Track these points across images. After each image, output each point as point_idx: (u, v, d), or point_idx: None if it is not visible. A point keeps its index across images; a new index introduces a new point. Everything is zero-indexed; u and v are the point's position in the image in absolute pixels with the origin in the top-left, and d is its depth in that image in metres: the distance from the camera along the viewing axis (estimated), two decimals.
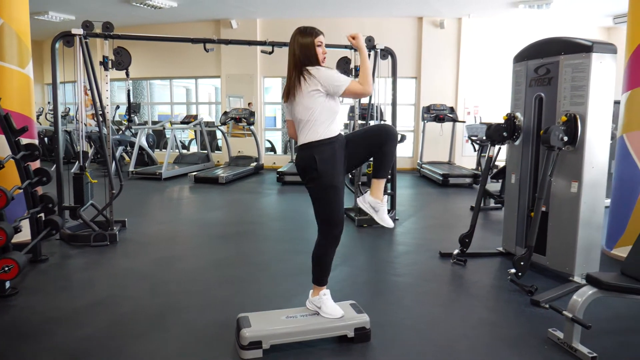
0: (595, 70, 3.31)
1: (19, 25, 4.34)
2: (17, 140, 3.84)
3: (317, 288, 2.69)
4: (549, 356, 2.51)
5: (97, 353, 2.51)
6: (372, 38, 5.26)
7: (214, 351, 2.53)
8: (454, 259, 4.01)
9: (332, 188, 2.47)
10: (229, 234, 5.03)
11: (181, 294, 3.34)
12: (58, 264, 4.03)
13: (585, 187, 3.43)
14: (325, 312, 2.62)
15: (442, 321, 2.95)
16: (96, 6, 8.94)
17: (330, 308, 2.63)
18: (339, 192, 2.51)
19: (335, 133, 2.49)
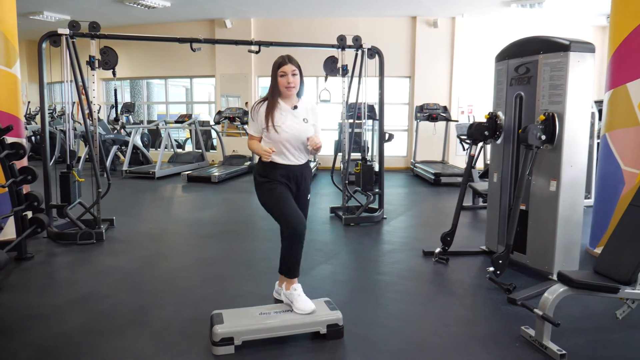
0: (573, 70, 3.33)
1: (5, 26, 4.37)
2: (2, 139, 3.87)
3: (289, 281, 2.77)
4: (519, 354, 2.52)
5: (71, 349, 2.54)
6: (359, 37, 5.28)
7: (189, 347, 2.55)
8: (436, 257, 4.03)
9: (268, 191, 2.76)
10: (218, 232, 5.06)
11: (162, 292, 3.36)
12: (43, 261, 4.06)
13: (563, 186, 3.44)
14: (297, 307, 2.65)
15: (417, 319, 2.97)
16: (90, 6, 8.97)
17: (301, 303, 2.66)
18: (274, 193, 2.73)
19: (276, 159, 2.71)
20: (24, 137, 4.66)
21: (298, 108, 2.76)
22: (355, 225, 5.31)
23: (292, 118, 2.72)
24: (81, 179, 4.84)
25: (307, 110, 2.80)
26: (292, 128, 2.71)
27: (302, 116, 2.76)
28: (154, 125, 10.38)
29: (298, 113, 2.75)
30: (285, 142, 2.71)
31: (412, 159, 9.69)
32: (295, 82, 2.70)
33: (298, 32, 9.70)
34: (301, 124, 2.74)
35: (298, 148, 2.75)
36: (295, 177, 2.79)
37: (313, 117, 2.81)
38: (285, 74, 2.67)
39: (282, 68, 2.67)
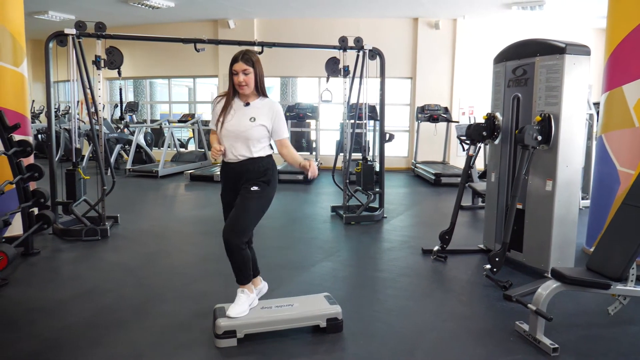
0: (569, 72, 3.40)
1: (13, 25, 4.46)
2: (10, 136, 3.96)
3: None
4: (513, 348, 2.60)
5: (76, 341, 2.61)
6: (361, 39, 5.35)
7: (192, 340, 2.63)
8: (434, 255, 4.10)
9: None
10: (218, 231, 5.03)
11: (165, 287, 3.44)
12: (49, 257, 4.15)
13: (559, 186, 3.51)
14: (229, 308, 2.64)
15: (414, 314, 3.04)
16: (95, 6, 9.06)
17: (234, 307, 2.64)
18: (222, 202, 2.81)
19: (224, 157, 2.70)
20: (30, 135, 4.74)
21: (250, 105, 2.62)
22: (356, 224, 5.38)
23: (239, 115, 2.61)
24: (86, 177, 4.92)
25: (262, 110, 2.62)
26: (233, 125, 2.60)
27: (251, 114, 2.60)
28: (157, 125, 10.47)
29: (248, 110, 2.61)
30: (225, 138, 2.63)
31: (413, 160, 9.75)
32: (248, 81, 2.55)
33: (300, 33, 9.78)
34: (245, 122, 2.58)
35: (237, 146, 2.61)
36: (236, 173, 2.66)
37: (267, 117, 2.62)
38: (236, 73, 2.55)
39: (234, 66, 2.55)
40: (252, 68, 2.57)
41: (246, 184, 2.63)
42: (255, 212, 2.65)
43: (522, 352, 2.54)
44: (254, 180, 2.63)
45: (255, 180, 2.63)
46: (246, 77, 2.55)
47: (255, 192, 2.61)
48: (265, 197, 2.67)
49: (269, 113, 2.64)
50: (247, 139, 2.60)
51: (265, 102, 2.66)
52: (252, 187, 2.61)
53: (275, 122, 2.66)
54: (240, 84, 2.56)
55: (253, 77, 2.58)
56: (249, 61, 2.56)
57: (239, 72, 2.55)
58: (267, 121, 2.63)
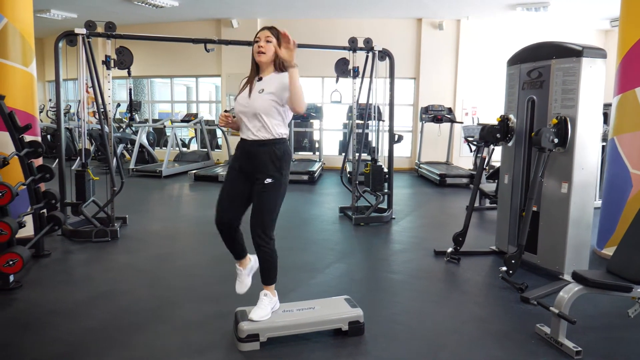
0: (586, 74, 3.40)
1: (22, 25, 4.42)
2: (21, 137, 3.93)
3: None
4: (535, 350, 2.60)
5: (99, 344, 2.59)
6: (370, 40, 5.35)
7: (214, 343, 2.62)
8: (448, 257, 4.10)
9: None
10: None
11: (180, 289, 3.43)
12: (60, 258, 4.12)
13: (575, 188, 3.52)
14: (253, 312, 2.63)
15: (433, 316, 3.04)
16: (98, 4, 9.01)
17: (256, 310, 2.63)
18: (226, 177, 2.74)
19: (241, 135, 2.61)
20: (39, 136, 4.71)
21: (263, 80, 2.53)
22: (365, 225, 5.38)
23: (252, 89, 2.52)
24: (96, 177, 4.89)
25: (272, 81, 2.50)
26: (242, 98, 2.54)
27: (261, 87, 2.50)
28: (160, 124, 10.43)
29: (260, 84, 2.52)
30: (240, 114, 2.56)
31: (416, 160, 9.76)
32: (267, 48, 2.48)
33: (304, 33, 9.73)
34: (254, 95, 2.49)
35: (247, 122, 2.52)
36: (247, 153, 2.56)
37: (275, 86, 2.48)
38: (259, 39, 2.51)
39: (258, 34, 2.53)
40: (274, 38, 2.49)
41: (259, 174, 2.52)
42: (274, 205, 2.58)
43: (544, 355, 2.55)
44: (266, 170, 2.52)
45: (268, 170, 2.52)
46: (267, 45, 2.49)
47: (269, 185, 2.52)
48: (281, 187, 2.58)
49: (278, 82, 2.48)
50: (255, 113, 2.48)
51: (279, 75, 2.51)
52: (266, 180, 2.51)
53: (280, 87, 2.47)
54: (259, 50, 2.49)
55: (273, 47, 2.48)
56: (274, 31, 2.51)
57: (262, 38, 2.50)
58: (274, 89, 2.47)
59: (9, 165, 3.74)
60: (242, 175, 2.59)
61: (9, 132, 3.88)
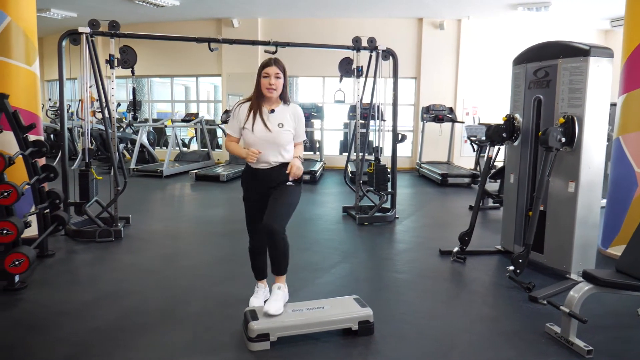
0: (593, 74, 3.40)
1: (26, 23, 4.40)
2: (26, 137, 3.90)
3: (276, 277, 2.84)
4: (546, 350, 2.60)
5: (108, 345, 2.58)
6: (374, 39, 5.34)
7: (224, 343, 2.60)
8: (454, 256, 4.09)
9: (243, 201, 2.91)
10: (231, 231, 5.10)
11: (187, 289, 3.41)
12: (65, 259, 4.10)
13: (582, 187, 3.52)
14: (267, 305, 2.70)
15: (442, 316, 3.03)
16: (98, 4, 8.98)
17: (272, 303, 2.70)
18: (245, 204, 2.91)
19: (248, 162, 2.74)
20: (42, 135, 4.68)
21: (275, 112, 2.71)
22: (369, 225, 5.37)
23: (266, 121, 2.68)
24: (99, 177, 4.86)
25: (288, 116, 2.73)
26: (263, 131, 2.66)
27: (278, 121, 2.69)
28: (161, 124, 10.40)
29: (274, 117, 2.69)
30: (255, 145, 2.67)
31: (417, 160, 9.76)
32: (277, 85, 2.65)
33: (304, 33, 9.75)
34: (274, 129, 2.67)
35: (267, 152, 2.69)
36: (264, 180, 2.75)
37: (293, 123, 2.74)
38: (268, 76, 2.64)
39: (266, 69, 2.64)
40: (282, 73, 2.70)
41: (279, 184, 2.75)
42: (292, 204, 2.77)
43: (555, 354, 2.54)
44: (285, 180, 2.75)
45: (284, 184, 2.76)
46: (277, 81, 2.67)
47: (290, 187, 2.75)
48: (297, 193, 2.82)
49: (293, 117, 2.76)
50: (278, 145, 2.71)
51: (289, 108, 2.77)
52: (287, 183, 2.74)
53: (298, 126, 2.80)
54: (270, 87, 2.65)
55: (282, 82, 2.70)
56: (281, 67, 2.69)
57: (271, 75, 2.66)
58: (291, 126, 2.75)
59: (12, 165, 3.72)
60: (260, 197, 2.80)
61: (13, 132, 3.85)
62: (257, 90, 2.70)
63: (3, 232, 3.19)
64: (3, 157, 3.34)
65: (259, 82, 2.68)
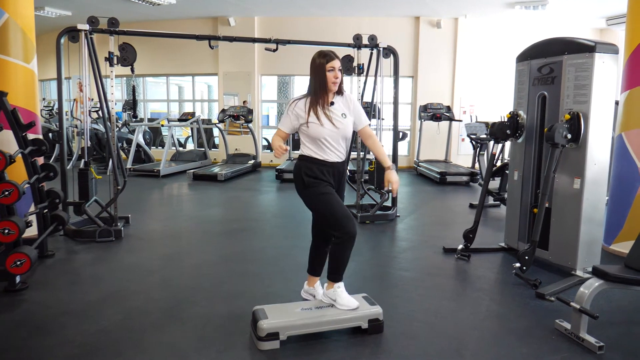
0: (598, 70, 3.41)
1: (24, 20, 4.33)
2: (25, 135, 3.84)
3: (331, 283, 2.75)
4: (556, 346, 2.59)
5: (115, 345, 2.53)
6: (375, 37, 5.32)
7: (232, 342, 2.57)
8: (458, 254, 4.08)
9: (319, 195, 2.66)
10: (232, 230, 5.06)
11: (192, 288, 3.37)
12: (65, 259, 4.04)
13: (587, 184, 3.52)
14: (340, 304, 2.68)
15: (451, 313, 3.01)
16: (93, 2, 8.87)
17: (345, 300, 2.69)
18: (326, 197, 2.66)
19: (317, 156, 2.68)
20: (40, 134, 4.61)
21: (335, 104, 2.73)
22: (370, 223, 5.35)
23: (332, 114, 2.68)
24: (98, 176, 4.80)
25: (345, 104, 2.76)
26: (331, 125, 2.67)
27: (341, 111, 2.72)
28: (157, 123, 10.31)
29: (335, 109, 2.71)
30: (327, 137, 2.66)
31: (415, 158, 9.76)
32: (340, 77, 2.69)
33: (302, 31, 9.70)
34: (341, 120, 2.69)
35: (339, 144, 2.70)
36: (338, 174, 2.75)
37: (352, 110, 2.77)
38: (334, 69, 2.65)
39: (331, 63, 2.65)
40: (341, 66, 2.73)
41: (343, 188, 2.84)
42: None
43: (567, 351, 2.54)
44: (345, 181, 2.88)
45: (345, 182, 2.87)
46: (340, 74, 2.70)
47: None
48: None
49: (350, 105, 2.78)
50: (345, 135, 2.73)
51: (344, 97, 2.79)
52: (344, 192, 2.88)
53: (354, 110, 2.78)
54: (336, 81, 2.68)
55: (341, 74, 2.73)
56: (339, 59, 2.71)
57: (336, 69, 2.67)
58: (353, 112, 2.78)
59: (12, 164, 3.65)
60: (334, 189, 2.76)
61: (12, 130, 3.79)
62: (320, 85, 2.66)
63: (5, 231, 3.13)
64: (4, 155, 3.28)
65: (323, 76, 2.65)
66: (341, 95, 2.77)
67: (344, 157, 2.78)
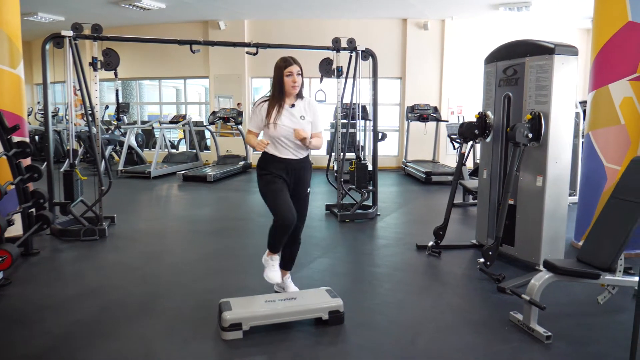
0: (558, 71, 3.54)
1: (9, 28, 4.47)
2: (9, 138, 3.98)
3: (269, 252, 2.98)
4: (508, 336, 2.72)
5: (87, 335, 2.67)
6: (354, 40, 5.45)
7: (199, 333, 2.70)
8: (429, 250, 4.21)
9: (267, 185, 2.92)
10: (217, 229, 5.20)
11: (169, 284, 3.51)
12: (49, 257, 4.18)
13: (549, 182, 3.65)
14: (266, 274, 2.94)
15: (412, 306, 3.15)
16: (85, 7, 9.03)
17: (268, 271, 2.94)
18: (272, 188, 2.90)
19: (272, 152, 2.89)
20: (27, 137, 4.75)
21: (296, 106, 2.90)
22: (350, 222, 5.48)
23: (289, 116, 2.86)
24: (84, 177, 4.94)
25: (305, 108, 2.93)
26: (289, 124, 2.84)
27: (300, 114, 2.89)
28: (148, 126, 10.46)
29: (295, 111, 2.89)
30: (283, 138, 2.85)
31: (403, 159, 9.89)
32: (299, 82, 2.86)
33: (291, 34, 9.86)
34: (298, 121, 2.87)
35: (295, 143, 2.86)
36: (294, 171, 2.92)
37: (311, 114, 2.93)
38: (292, 74, 2.83)
39: (289, 68, 2.83)
40: (301, 71, 2.89)
41: (302, 185, 2.99)
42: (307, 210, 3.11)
43: (517, 341, 2.67)
44: (307, 183, 3.04)
45: (308, 183, 3.05)
46: (299, 78, 2.87)
47: (308, 195, 3.08)
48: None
49: (310, 109, 2.96)
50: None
51: (305, 101, 2.97)
52: (307, 190, 3.05)
53: (314, 117, 2.98)
54: (295, 85, 2.85)
55: (301, 79, 2.90)
56: (299, 64, 2.88)
57: (294, 74, 2.84)
58: (312, 117, 2.95)
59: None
60: (286, 184, 2.93)
61: None
62: (279, 89, 2.85)
63: None
64: None
65: (281, 80, 2.84)
66: (302, 99, 2.94)
67: (302, 155, 2.94)
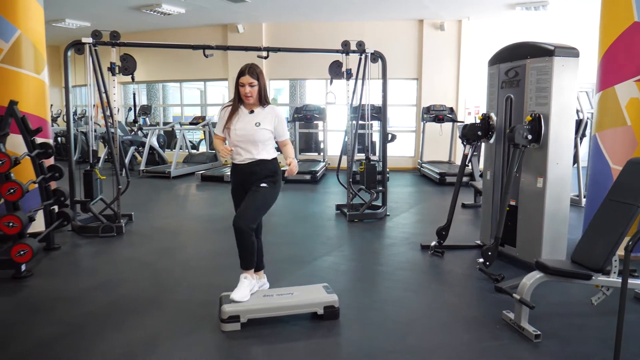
0: (558, 73, 3.55)
1: (34, 35, 4.75)
2: (33, 139, 4.25)
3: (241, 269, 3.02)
4: (499, 334, 2.77)
5: (97, 325, 2.86)
6: (363, 42, 5.54)
7: (201, 325, 2.86)
8: (432, 250, 4.27)
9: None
10: (229, 227, 5.30)
11: (178, 279, 3.69)
12: (69, 252, 4.43)
13: (550, 182, 3.67)
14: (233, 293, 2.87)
15: (408, 304, 3.23)
16: (109, 14, 9.40)
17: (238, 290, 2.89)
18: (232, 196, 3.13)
19: (233, 158, 3.01)
20: (50, 138, 5.04)
21: (254, 113, 2.95)
22: (359, 222, 5.57)
23: (246, 121, 2.92)
24: (103, 177, 5.20)
25: (266, 116, 2.94)
26: (242, 130, 2.91)
27: (256, 120, 2.92)
28: (169, 127, 10.79)
29: (253, 117, 2.93)
30: (236, 142, 2.94)
31: (419, 159, 9.90)
32: (252, 93, 2.88)
33: (307, 36, 10.01)
34: (252, 127, 2.91)
35: (246, 148, 2.93)
36: (245, 173, 2.98)
37: (271, 122, 2.95)
38: (243, 85, 2.87)
39: (241, 79, 2.88)
40: (257, 81, 2.92)
41: (256, 182, 2.96)
42: (262, 204, 2.97)
43: (507, 338, 2.72)
44: (263, 179, 2.97)
45: (264, 179, 2.97)
46: (252, 89, 2.90)
47: (263, 188, 2.96)
48: (271, 193, 3.00)
49: (272, 118, 2.97)
50: (254, 142, 2.93)
51: (267, 109, 2.99)
52: (262, 184, 2.96)
53: (277, 125, 3.00)
54: (246, 95, 2.90)
55: (257, 89, 2.91)
56: (254, 74, 2.89)
57: (246, 85, 2.89)
58: (270, 125, 2.96)
59: (21, 165, 4.06)
60: (243, 192, 3.01)
61: (21, 135, 4.20)
62: (236, 96, 2.97)
63: (9, 224, 3.51)
64: (9, 157, 3.67)
65: (237, 89, 2.94)
66: (263, 107, 2.97)
67: (254, 159, 2.95)
